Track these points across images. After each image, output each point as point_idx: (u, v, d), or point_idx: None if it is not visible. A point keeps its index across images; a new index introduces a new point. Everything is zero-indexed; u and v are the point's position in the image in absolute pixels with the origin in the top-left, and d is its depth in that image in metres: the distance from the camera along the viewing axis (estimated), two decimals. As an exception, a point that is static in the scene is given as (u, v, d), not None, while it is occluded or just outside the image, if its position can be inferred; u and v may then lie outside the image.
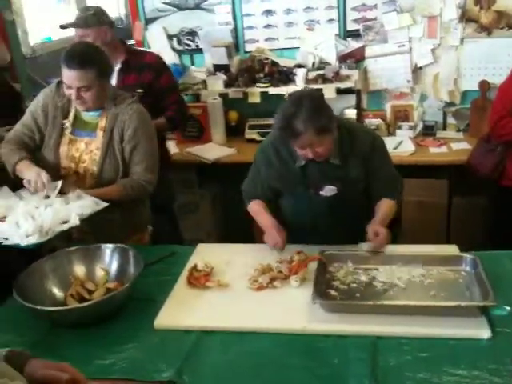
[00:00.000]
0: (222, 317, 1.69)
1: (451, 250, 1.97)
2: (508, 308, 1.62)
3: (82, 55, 2.04)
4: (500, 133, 2.73)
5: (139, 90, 2.75)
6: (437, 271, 1.82)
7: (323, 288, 1.75)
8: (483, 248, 2.02)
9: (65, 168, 2.17)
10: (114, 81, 2.82)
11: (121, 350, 1.58)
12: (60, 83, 2.15)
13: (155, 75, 2.80)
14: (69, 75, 2.02)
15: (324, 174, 2.05)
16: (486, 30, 3.45)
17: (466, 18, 3.44)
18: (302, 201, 2.11)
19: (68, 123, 2.18)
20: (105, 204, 1.98)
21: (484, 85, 3.40)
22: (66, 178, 2.14)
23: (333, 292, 1.76)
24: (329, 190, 2.06)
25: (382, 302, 1.67)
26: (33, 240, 1.80)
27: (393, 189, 2.13)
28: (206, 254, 2.04)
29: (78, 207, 1.93)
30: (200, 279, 1.84)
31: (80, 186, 2.08)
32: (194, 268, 1.90)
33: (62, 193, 2.02)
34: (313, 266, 1.87)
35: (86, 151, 2.17)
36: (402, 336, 1.55)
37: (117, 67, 2.82)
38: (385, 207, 2.06)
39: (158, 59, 2.91)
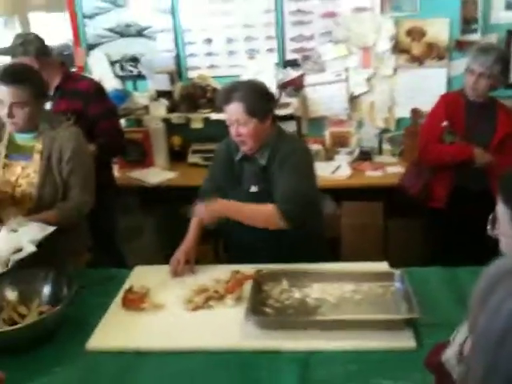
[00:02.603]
0: (156, 338, 1.69)
1: (382, 266, 2.04)
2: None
3: (17, 71, 2.07)
4: (427, 157, 2.88)
5: (68, 118, 2.73)
6: (367, 287, 1.88)
7: (257, 306, 1.78)
8: (418, 266, 2.11)
9: (0, 192, 2.13)
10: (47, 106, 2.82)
11: (51, 374, 1.56)
12: None
13: (84, 103, 2.76)
14: (3, 90, 2.02)
15: (254, 172, 2.16)
16: (418, 60, 3.65)
17: (398, 49, 3.63)
18: (236, 196, 2.15)
19: (1, 147, 2.16)
20: (52, 228, 1.96)
21: (415, 113, 3.57)
22: (2, 203, 2.11)
23: (267, 309, 1.79)
24: (254, 189, 2.16)
25: (313, 318, 1.71)
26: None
27: (286, 198, 2.02)
28: (143, 276, 2.04)
29: (27, 234, 1.90)
30: (135, 301, 1.83)
31: (18, 210, 2.05)
32: (130, 290, 1.89)
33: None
34: (249, 285, 1.90)
35: (22, 175, 2.14)
36: (332, 350, 1.59)
37: (51, 92, 2.81)
38: (255, 205, 2.06)
39: (91, 87, 2.85)
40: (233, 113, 2.04)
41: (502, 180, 1.16)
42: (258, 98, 2.04)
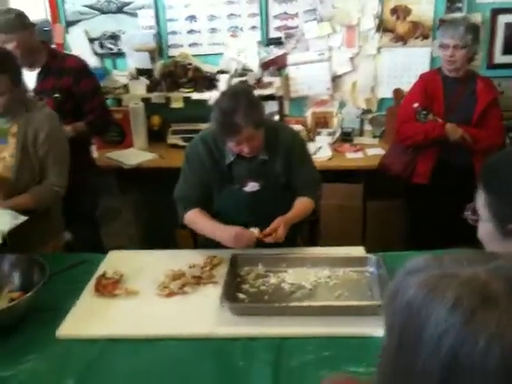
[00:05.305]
0: (129, 324, 1.67)
1: (358, 251, 2.04)
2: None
3: None
4: (401, 137, 2.87)
5: (56, 95, 2.69)
6: (342, 272, 1.88)
7: (232, 291, 1.77)
8: (397, 249, 2.11)
9: None
10: (32, 84, 2.76)
11: (22, 362, 1.53)
12: None
13: (74, 80, 2.73)
14: None
15: (249, 170, 2.10)
16: (402, 39, 3.61)
17: (382, 27, 3.58)
18: (226, 197, 2.14)
19: None
20: (24, 218, 1.94)
21: (398, 93, 3.54)
22: None
23: (241, 295, 1.78)
24: (251, 187, 2.11)
25: (286, 304, 1.70)
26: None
27: (310, 187, 2.19)
28: (117, 261, 2.01)
29: None
30: (107, 287, 1.81)
31: None
32: (103, 276, 1.87)
33: None
34: (225, 269, 1.89)
35: None
36: (306, 336, 1.59)
37: (37, 70, 2.75)
38: (298, 205, 2.13)
39: (80, 63, 2.83)
40: (244, 137, 1.93)
41: (483, 167, 1.18)
42: (257, 111, 1.96)
